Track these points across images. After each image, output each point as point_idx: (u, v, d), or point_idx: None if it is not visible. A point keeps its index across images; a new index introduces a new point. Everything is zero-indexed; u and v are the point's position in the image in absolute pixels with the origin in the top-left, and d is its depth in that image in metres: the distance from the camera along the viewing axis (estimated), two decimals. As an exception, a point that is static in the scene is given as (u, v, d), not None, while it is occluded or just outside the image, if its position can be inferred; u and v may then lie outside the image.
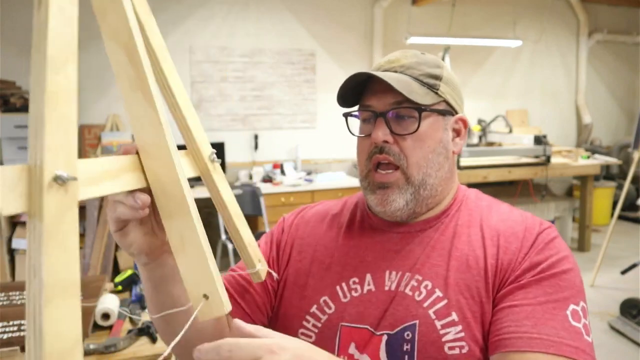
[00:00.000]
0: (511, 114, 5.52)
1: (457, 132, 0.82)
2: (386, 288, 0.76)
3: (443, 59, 4.55)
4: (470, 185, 0.89)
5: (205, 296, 0.52)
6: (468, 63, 5.32)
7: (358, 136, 0.81)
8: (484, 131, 4.70)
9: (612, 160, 4.76)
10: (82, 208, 3.20)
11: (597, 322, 3.15)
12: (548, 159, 4.18)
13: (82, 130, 4.04)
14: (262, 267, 0.70)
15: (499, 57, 5.52)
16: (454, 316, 0.70)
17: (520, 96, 5.70)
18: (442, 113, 0.78)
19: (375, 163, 0.77)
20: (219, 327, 0.77)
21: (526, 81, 5.71)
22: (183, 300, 0.67)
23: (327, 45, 4.76)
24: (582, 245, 4.60)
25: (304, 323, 0.78)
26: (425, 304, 0.72)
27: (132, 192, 0.53)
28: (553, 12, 5.72)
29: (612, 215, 4.05)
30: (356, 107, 0.82)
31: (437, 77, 0.78)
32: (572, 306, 0.67)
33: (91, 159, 0.46)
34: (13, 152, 3.25)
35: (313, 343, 0.76)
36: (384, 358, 0.71)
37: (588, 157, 4.58)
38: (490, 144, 4.73)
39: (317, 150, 4.79)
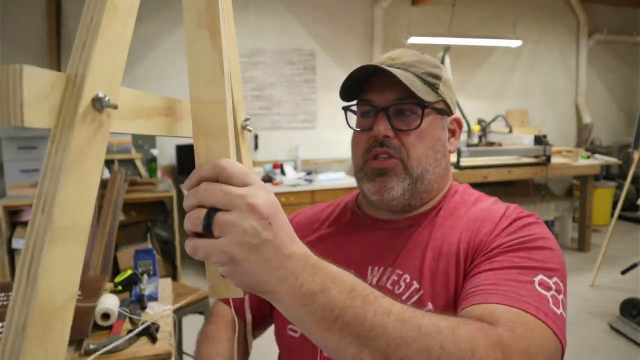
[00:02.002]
0: (511, 114, 5.52)
1: (452, 132, 0.84)
2: (367, 283, 0.77)
3: (443, 59, 4.55)
4: (470, 185, 0.89)
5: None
6: (468, 63, 5.32)
7: (356, 130, 0.82)
8: (484, 131, 4.70)
9: (612, 160, 4.76)
10: (82, 208, 3.19)
11: (597, 322, 3.15)
12: (548, 159, 4.17)
13: (82, 130, 4.03)
14: None
15: (499, 57, 5.52)
16: (430, 306, 0.71)
17: (520, 96, 5.70)
18: (441, 112, 0.80)
19: (374, 155, 0.78)
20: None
21: (526, 81, 5.71)
22: None
23: (327, 46, 4.76)
24: (582, 245, 4.60)
25: None
26: (404, 297, 0.73)
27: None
28: (553, 12, 5.73)
29: (612, 215, 4.05)
30: (354, 102, 0.83)
31: (437, 77, 0.79)
32: (541, 276, 0.63)
33: (129, 89, 0.40)
34: (13, 152, 3.24)
35: (299, 339, 0.79)
36: None
37: (588, 157, 4.58)
38: (490, 144, 4.73)
39: (317, 150, 4.79)
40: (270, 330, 0.93)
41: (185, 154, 4.16)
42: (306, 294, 0.46)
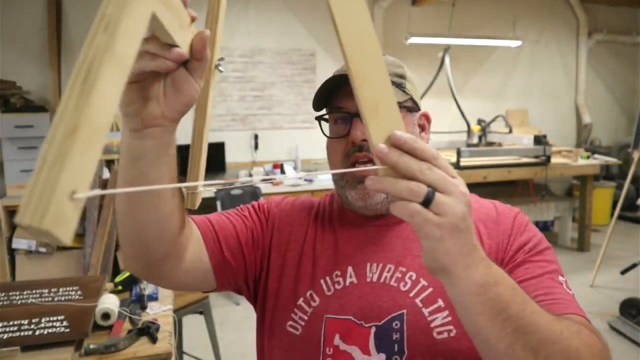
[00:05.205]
0: (511, 114, 5.52)
1: (421, 127, 0.86)
2: (367, 280, 0.78)
3: (443, 59, 4.55)
4: (470, 185, 0.90)
5: None
6: (468, 63, 5.32)
7: (332, 138, 0.83)
8: (484, 131, 4.70)
9: (612, 160, 4.76)
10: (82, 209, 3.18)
11: (597, 322, 3.15)
12: (548, 159, 4.18)
13: (82, 130, 4.03)
14: (200, 191, 0.69)
15: (499, 57, 5.52)
16: (440, 302, 0.74)
17: (520, 96, 5.70)
18: (410, 110, 0.82)
19: (354, 161, 0.79)
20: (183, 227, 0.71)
21: (526, 81, 5.71)
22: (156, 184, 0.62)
23: (327, 45, 4.76)
24: (582, 245, 4.60)
25: (292, 315, 0.81)
26: (412, 294, 0.75)
27: (170, 46, 0.50)
28: (553, 12, 5.73)
29: (612, 215, 4.05)
30: (323, 112, 0.84)
31: (403, 76, 0.82)
32: (560, 277, 0.73)
33: None
34: (13, 152, 3.24)
35: (300, 335, 0.79)
36: (373, 348, 0.74)
37: (588, 157, 4.58)
38: (490, 144, 4.73)
39: (317, 150, 4.79)
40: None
41: (186, 155, 4.16)
42: (483, 284, 0.51)
